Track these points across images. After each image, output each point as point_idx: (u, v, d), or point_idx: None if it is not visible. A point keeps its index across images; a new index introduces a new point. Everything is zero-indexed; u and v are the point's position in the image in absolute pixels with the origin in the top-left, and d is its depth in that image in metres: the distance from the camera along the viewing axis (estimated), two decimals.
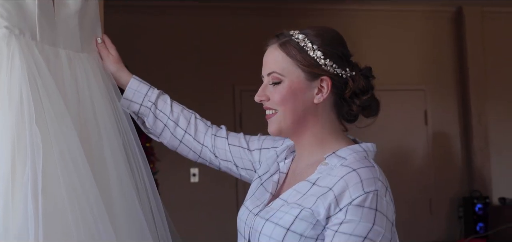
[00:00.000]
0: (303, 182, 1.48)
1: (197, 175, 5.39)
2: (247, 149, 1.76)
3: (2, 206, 1.45)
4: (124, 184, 1.67)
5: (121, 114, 1.76)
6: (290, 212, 1.43)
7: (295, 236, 1.41)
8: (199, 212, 5.26)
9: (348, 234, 1.36)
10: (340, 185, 1.40)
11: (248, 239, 1.53)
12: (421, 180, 5.84)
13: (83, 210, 1.52)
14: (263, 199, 1.55)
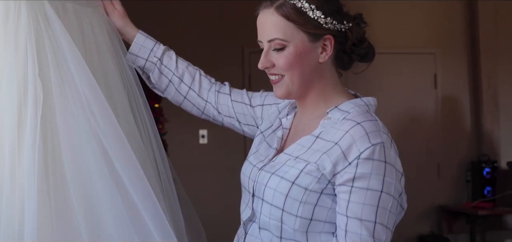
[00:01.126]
0: (307, 136, 1.50)
1: (206, 137, 5.42)
2: (250, 105, 1.77)
3: (9, 153, 1.49)
4: (128, 137, 1.68)
5: (127, 70, 1.77)
6: (296, 166, 1.46)
7: (300, 189, 1.44)
8: (208, 174, 5.29)
9: (365, 189, 1.39)
10: (346, 140, 1.42)
11: (252, 193, 1.55)
12: (430, 143, 5.84)
13: (84, 163, 1.55)
14: (267, 154, 1.58)
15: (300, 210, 1.43)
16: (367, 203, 1.39)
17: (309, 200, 1.43)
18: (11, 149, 1.51)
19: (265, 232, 1.51)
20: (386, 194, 1.40)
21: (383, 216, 1.40)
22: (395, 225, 1.47)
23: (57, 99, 1.56)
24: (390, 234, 1.42)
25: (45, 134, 1.54)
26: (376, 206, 1.39)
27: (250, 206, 1.55)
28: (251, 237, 1.55)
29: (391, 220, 1.42)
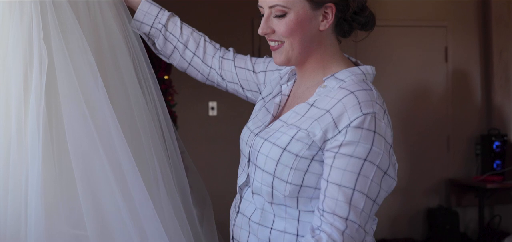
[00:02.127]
0: (302, 104, 1.51)
1: (215, 109, 5.42)
2: (253, 71, 1.79)
3: (16, 115, 1.51)
4: (134, 104, 1.71)
5: (132, 37, 1.79)
6: (287, 132, 1.48)
7: (291, 155, 1.46)
8: (217, 145, 5.31)
9: (349, 156, 1.40)
10: (338, 108, 1.43)
11: (248, 158, 1.58)
12: (439, 117, 5.82)
13: (87, 124, 1.57)
14: (265, 120, 1.60)
15: (290, 176, 1.45)
16: (348, 169, 1.40)
17: (299, 167, 1.45)
18: (18, 111, 1.55)
19: (258, 197, 1.55)
20: (369, 163, 1.40)
21: (363, 184, 1.40)
22: (384, 197, 1.47)
23: (61, 64, 1.58)
24: (371, 203, 1.42)
25: (49, 98, 1.56)
26: (357, 174, 1.40)
27: (245, 171, 1.59)
28: (245, 201, 1.59)
29: (373, 189, 1.41)
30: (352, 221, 1.40)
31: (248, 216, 1.57)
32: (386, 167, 1.43)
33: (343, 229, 1.40)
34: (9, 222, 1.54)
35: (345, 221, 1.40)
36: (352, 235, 1.40)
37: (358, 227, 1.40)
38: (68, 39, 1.61)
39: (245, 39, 5.34)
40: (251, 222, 1.56)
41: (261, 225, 1.54)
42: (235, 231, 1.61)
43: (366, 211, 1.41)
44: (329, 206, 1.41)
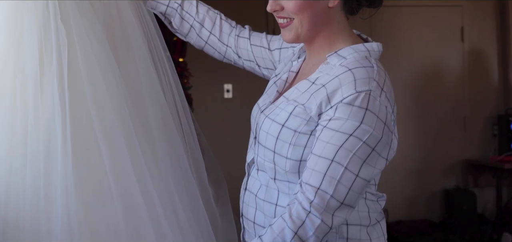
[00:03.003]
0: (304, 81, 1.51)
1: (230, 91, 5.43)
2: (268, 49, 1.79)
3: (32, 99, 1.53)
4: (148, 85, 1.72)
5: (146, 18, 1.80)
6: (286, 109, 1.49)
7: (289, 131, 1.46)
8: (232, 128, 5.32)
9: (335, 130, 1.39)
10: (333, 84, 1.42)
11: (255, 135, 1.59)
12: (456, 97, 5.78)
13: (106, 103, 1.59)
14: (272, 97, 1.59)
15: (289, 152, 1.46)
16: (330, 142, 1.39)
17: (298, 142, 1.45)
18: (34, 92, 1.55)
19: (262, 174, 1.56)
20: (355, 138, 1.38)
21: (343, 156, 1.38)
22: (374, 174, 1.45)
23: (82, 45, 1.59)
24: (353, 177, 1.40)
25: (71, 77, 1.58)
26: (339, 146, 1.39)
27: (253, 148, 1.60)
28: (252, 179, 1.60)
29: (355, 163, 1.39)
30: (324, 191, 1.39)
31: (254, 193, 1.58)
32: (374, 144, 1.41)
33: (312, 198, 1.39)
34: (27, 197, 1.56)
35: (316, 191, 1.39)
36: (321, 205, 1.39)
37: (329, 197, 1.39)
38: (84, 21, 1.62)
39: (260, 21, 5.32)
40: (258, 199, 1.57)
41: (266, 201, 1.55)
42: (244, 208, 1.63)
43: (344, 183, 1.39)
44: (305, 175, 1.42)
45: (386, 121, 1.43)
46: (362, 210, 1.53)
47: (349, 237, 1.51)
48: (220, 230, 1.82)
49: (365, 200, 1.54)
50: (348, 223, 1.50)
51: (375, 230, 1.56)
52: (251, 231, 1.59)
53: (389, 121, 1.44)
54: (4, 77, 1.60)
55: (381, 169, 1.47)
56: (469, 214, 5.45)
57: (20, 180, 1.57)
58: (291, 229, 1.39)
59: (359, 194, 1.43)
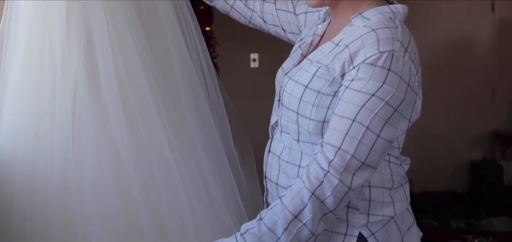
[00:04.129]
0: (328, 43, 1.52)
1: (257, 60, 5.43)
2: (294, 13, 1.80)
3: (59, 60, 1.56)
4: (176, 53, 1.74)
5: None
6: (309, 70, 1.49)
7: (313, 93, 1.47)
8: (259, 98, 5.32)
9: (356, 91, 1.40)
10: (357, 44, 1.42)
11: (278, 97, 1.60)
12: (484, 68, 5.71)
13: (136, 66, 1.62)
14: (296, 60, 1.61)
15: (313, 113, 1.47)
16: (352, 102, 1.39)
17: (321, 103, 1.46)
18: (62, 51, 1.58)
19: (286, 135, 1.57)
20: (377, 98, 1.38)
21: (364, 116, 1.39)
22: (397, 135, 1.45)
23: (108, 9, 1.62)
24: (374, 137, 1.40)
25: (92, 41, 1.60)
26: (361, 106, 1.39)
27: (276, 110, 1.61)
28: (275, 141, 1.62)
29: (376, 123, 1.39)
30: (345, 150, 1.39)
31: (278, 155, 1.60)
32: (397, 104, 1.41)
33: (332, 158, 1.40)
34: (56, 157, 1.60)
35: (336, 151, 1.39)
36: (341, 164, 1.39)
37: (350, 157, 1.39)
38: None
39: None
40: (281, 161, 1.58)
41: (289, 163, 1.56)
42: (267, 170, 1.65)
43: (366, 143, 1.39)
44: (326, 136, 1.42)
45: (410, 81, 1.43)
46: (385, 173, 1.54)
47: (371, 199, 1.52)
48: (246, 192, 1.86)
49: (389, 163, 1.54)
50: (371, 185, 1.51)
51: (398, 193, 1.57)
52: (274, 192, 1.61)
53: (412, 82, 1.44)
54: (32, 38, 1.63)
55: (404, 130, 1.47)
56: (495, 186, 5.42)
57: (48, 141, 1.61)
58: (309, 189, 1.40)
59: (381, 155, 1.43)
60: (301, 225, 1.41)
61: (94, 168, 1.60)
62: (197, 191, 1.70)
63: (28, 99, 1.63)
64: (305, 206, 1.40)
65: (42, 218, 1.59)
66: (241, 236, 1.44)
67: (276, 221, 1.42)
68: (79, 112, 1.60)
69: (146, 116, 1.65)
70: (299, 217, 1.41)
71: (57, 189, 1.59)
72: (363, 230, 1.53)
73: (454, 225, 4.92)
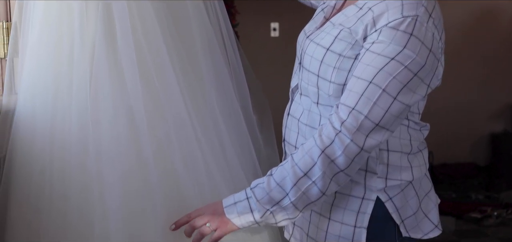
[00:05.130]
0: (351, 6, 1.51)
1: (277, 30, 5.41)
2: None
3: (78, 24, 1.58)
4: (196, 11, 1.75)
5: None
6: (331, 32, 1.48)
7: (334, 55, 1.46)
8: (279, 67, 5.31)
9: (376, 54, 1.39)
10: (380, 7, 1.41)
11: (299, 60, 1.60)
12: (508, 40, 5.63)
13: (155, 30, 1.62)
14: (319, 23, 1.60)
15: (333, 76, 1.46)
16: (371, 65, 1.39)
17: (342, 66, 1.45)
18: (80, 14, 1.59)
19: (305, 98, 1.56)
20: (396, 62, 1.37)
21: (382, 79, 1.38)
22: (415, 100, 1.44)
23: None
24: (391, 100, 1.39)
25: None
26: (379, 69, 1.38)
27: (297, 73, 1.60)
28: (295, 104, 1.62)
29: (393, 86, 1.38)
30: (358, 111, 1.39)
31: (297, 118, 1.60)
32: (417, 69, 1.39)
33: (345, 118, 1.40)
34: (74, 120, 1.61)
35: (350, 111, 1.40)
36: (354, 125, 1.39)
37: (363, 118, 1.39)
38: None
39: None
40: (300, 123, 1.58)
41: (308, 125, 1.56)
42: (286, 133, 1.65)
43: (381, 105, 1.39)
44: (343, 96, 1.43)
45: (432, 47, 1.41)
46: (403, 138, 1.53)
47: (389, 163, 1.52)
48: (263, 156, 1.86)
49: (408, 128, 1.54)
50: (389, 149, 1.51)
51: (417, 158, 1.57)
52: None
53: (435, 48, 1.42)
54: (51, 3, 1.63)
55: (423, 95, 1.46)
56: None
57: (66, 102, 1.62)
58: (319, 147, 1.41)
59: (396, 118, 1.42)
60: (310, 183, 1.42)
61: (111, 129, 1.61)
62: (214, 154, 1.71)
63: (47, 61, 1.64)
64: (315, 163, 1.41)
65: (60, 177, 1.61)
66: (251, 190, 1.48)
67: (285, 177, 1.44)
68: (97, 74, 1.61)
69: (163, 79, 1.65)
70: (308, 174, 1.42)
71: (74, 149, 1.61)
72: (380, 194, 1.53)
73: (473, 197, 4.91)
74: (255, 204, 1.46)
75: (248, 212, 1.48)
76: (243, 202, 1.48)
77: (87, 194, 1.60)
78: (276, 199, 1.45)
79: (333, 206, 1.55)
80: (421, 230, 1.59)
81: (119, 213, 1.58)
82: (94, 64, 1.61)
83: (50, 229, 1.62)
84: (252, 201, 1.47)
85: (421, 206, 1.58)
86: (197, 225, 1.52)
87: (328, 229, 1.56)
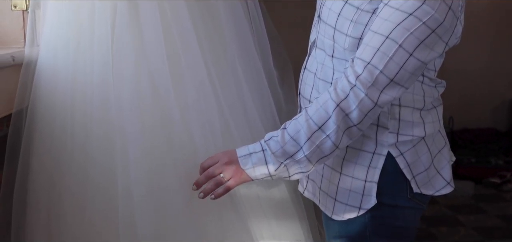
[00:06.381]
0: None
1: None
2: None
3: None
4: None
5: None
6: None
7: (352, 8, 1.46)
8: (302, 30, 5.28)
9: (395, 9, 1.37)
10: None
11: (318, 14, 1.59)
12: None
13: None
14: None
15: (350, 29, 1.45)
16: (389, 19, 1.37)
17: (359, 20, 1.44)
18: None
19: (320, 52, 1.56)
20: (415, 18, 1.36)
21: (399, 34, 1.36)
22: (432, 57, 1.42)
23: None
24: (407, 55, 1.38)
25: None
26: (396, 24, 1.36)
27: (316, 26, 1.60)
28: (311, 58, 1.62)
29: (410, 42, 1.37)
30: (374, 66, 1.38)
31: (313, 72, 1.60)
32: (435, 26, 1.37)
33: (360, 72, 1.39)
34: (96, 72, 1.62)
35: (365, 65, 1.39)
36: (369, 79, 1.39)
37: (378, 73, 1.38)
38: None
39: None
40: (316, 78, 1.58)
41: (321, 79, 1.56)
42: (302, 87, 1.65)
43: (396, 61, 1.38)
44: (359, 50, 1.42)
45: (452, 5, 1.39)
46: (417, 93, 1.52)
47: (401, 118, 1.51)
48: (284, 112, 1.86)
49: (422, 84, 1.52)
50: (401, 104, 1.50)
51: (430, 114, 1.56)
52: None
53: (455, 6, 1.40)
54: None
55: (440, 52, 1.44)
56: None
57: (88, 56, 1.63)
58: (334, 101, 1.41)
59: (412, 74, 1.41)
60: (324, 137, 1.43)
61: (132, 85, 1.62)
62: (233, 111, 1.71)
63: (68, 14, 1.64)
64: (329, 117, 1.41)
65: (82, 130, 1.62)
66: (265, 142, 1.48)
67: (299, 131, 1.44)
68: (119, 29, 1.61)
69: (183, 32, 1.65)
70: (322, 128, 1.42)
71: (96, 103, 1.62)
72: (391, 149, 1.52)
73: (493, 162, 4.88)
74: (270, 156, 1.47)
75: (263, 164, 1.48)
76: (258, 154, 1.48)
77: (109, 147, 1.61)
78: (290, 152, 1.46)
79: (345, 161, 1.55)
80: (433, 187, 1.58)
81: (140, 165, 1.59)
82: (116, 18, 1.61)
83: (71, 182, 1.63)
84: (267, 153, 1.47)
85: (434, 162, 1.57)
86: (211, 175, 1.52)
87: (339, 183, 1.57)
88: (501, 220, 4.01)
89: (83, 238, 1.63)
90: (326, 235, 1.67)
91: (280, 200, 1.74)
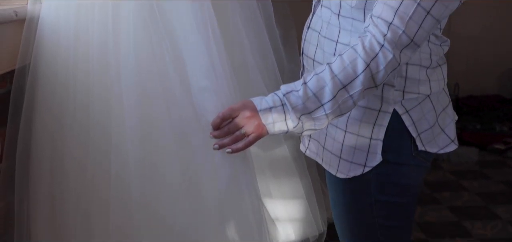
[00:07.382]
0: None
1: None
2: None
3: None
4: None
5: None
6: None
7: None
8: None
9: None
10: None
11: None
12: None
13: None
14: None
15: None
16: None
17: None
18: None
19: (326, 10, 1.53)
20: None
21: None
22: (445, 14, 1.41)
23: None
24: (424, 14, 1.36)
25: None
26: None
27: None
28: (316, 16, 1.59)
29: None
30: (396, 26, 1.36)
31: (317, 31, 1.57)
32: None
33: (386, 32, 1.36)
34: (96, 30, 1.61)
35: (389, 25, 1.36)
36: (394, 39, 1.36)
37: (401, 33, 1.36)
38: None
39: None
40: (320, 36, 1.56)
41: (327, 38, 1.53)
42: (305, 46, 1.63)
43: (415, 20, 1.36)
44: (376, 9, 1.39)
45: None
46: (424, 51, 1.51)
47: (407, 76, 1.50)
48: (287, 71, 1.85)
49: (429, 42, 1.51)
50: (408, 62, 1.49)
51: (436, 72, 1.55)
52: (311, 69, 1.59)
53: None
54: None
55: (453, 9, 1.42)
56: None
57: (89, 16, 1.62)
58: (364, 60, 1.37)
59: (427, 33, 1.40)
60: (347, 96, 1.39)
61: (131, 51, 1.61)
62: (235, 71, 1.70)
63: None
64: (357, 76, 1.38)
65: (84, 90, 1.62)
66: (284, 96, 1.42)
67: (323, 88, 1.40)
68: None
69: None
70: (347, 87, 1.39)
71: (96, 65, 1.62)
72: (397, 107, 1.51)
73: (497, 128, 4.87)
74: (290, 112, 1.41)
75: (282, 120, 1.42)
76: (278, 108, 1.42)
77: (109, 111, 1.61)
78: (310, 108, 1.41)
79: (350, 118, 1.54)
80: (437, 144, 1.58)
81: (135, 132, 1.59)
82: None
83: (72, 141, 1.64)
84: (287, 108, 1.41)
85: (438, 120, 1.57)
86: (235, 128, 1.46)
87: (344, 141, 1.55)
88: (505, 185, 4.00)
89: (85, 197, 1.64)
90: (329, 194, 1.67)
91: (281, 158, 1.74)
